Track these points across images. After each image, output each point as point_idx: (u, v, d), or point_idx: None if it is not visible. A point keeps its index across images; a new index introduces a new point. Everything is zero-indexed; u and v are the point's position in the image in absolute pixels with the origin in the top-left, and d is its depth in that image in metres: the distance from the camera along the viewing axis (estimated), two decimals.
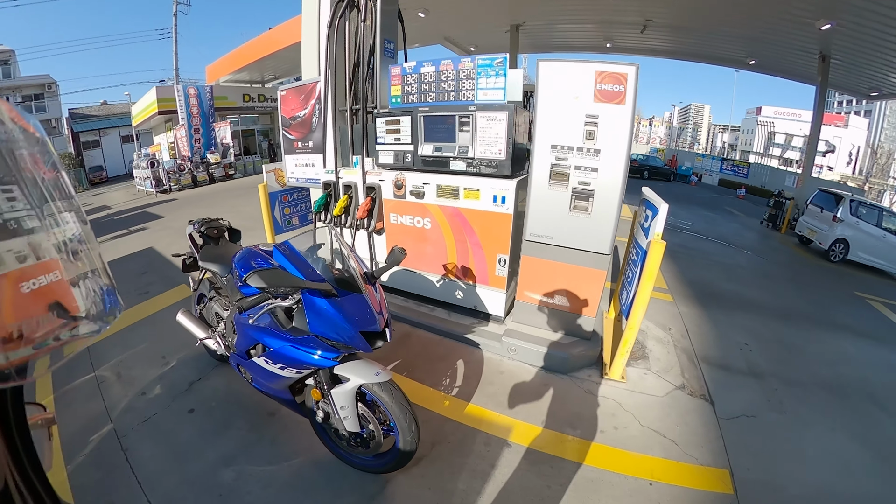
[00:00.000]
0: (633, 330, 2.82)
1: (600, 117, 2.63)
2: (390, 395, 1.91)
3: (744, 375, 3.29)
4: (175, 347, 3.29)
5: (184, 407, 2.67)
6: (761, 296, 5.42)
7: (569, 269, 2.98)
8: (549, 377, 3.00)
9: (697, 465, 2.28)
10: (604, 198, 2.74)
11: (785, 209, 10.44)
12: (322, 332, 1.78)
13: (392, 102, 3.48)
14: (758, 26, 8.98)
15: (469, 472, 2.21)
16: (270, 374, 2.00)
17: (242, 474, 2.17)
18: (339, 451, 2.19)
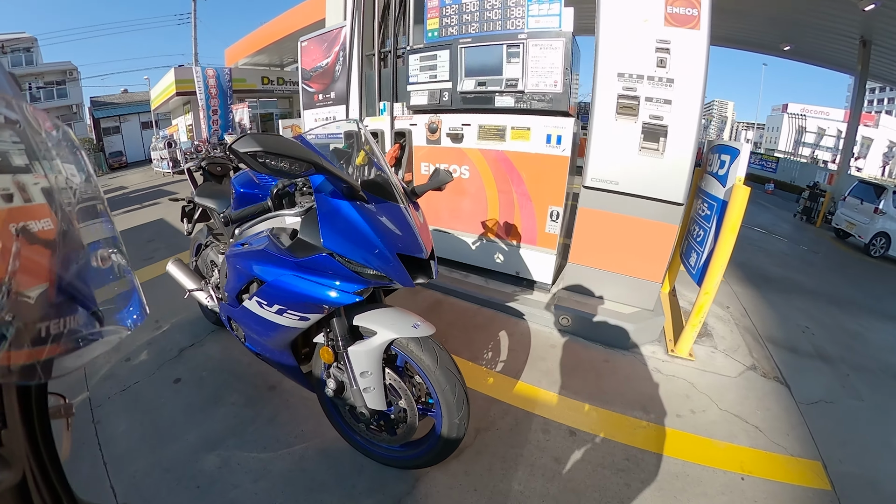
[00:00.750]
0: (708, 296, 2.32)
1: (672, 43, 2.20)
2: (433, 356, 1.33)
3: (812, 359, 2.90)
4: (171, 312, 2.87)
5: (170, 376, 2.21)
6: (811, 282, 5.07)
7: (633, 223, 2.45)
8: (609, 353, 2.50)
9: (788, 456, 1.91)
10: (678, 136, 2.27)
11: (820, 202, 9.77)
12: (341, 248, 1.20)
13: (428, 38, 3.00)
14: (796, 7, 8.32)
15: (526, 467, 1.71)
16: (265, 323, 1.42)
17: (229, 462, 1.67)
18: (354, 436, 1.64)
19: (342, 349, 1.36)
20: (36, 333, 0.34)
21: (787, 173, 16.06)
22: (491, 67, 2.72)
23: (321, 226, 1.22)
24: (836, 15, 8.20)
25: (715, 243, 2.27)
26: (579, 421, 1.97)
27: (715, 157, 2.57)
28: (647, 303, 2.60)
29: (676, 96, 2.24)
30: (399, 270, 1.23)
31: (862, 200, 8.01)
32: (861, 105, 10.34)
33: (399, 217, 1.31)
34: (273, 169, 1.05)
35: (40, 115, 0.43)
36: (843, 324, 3.71)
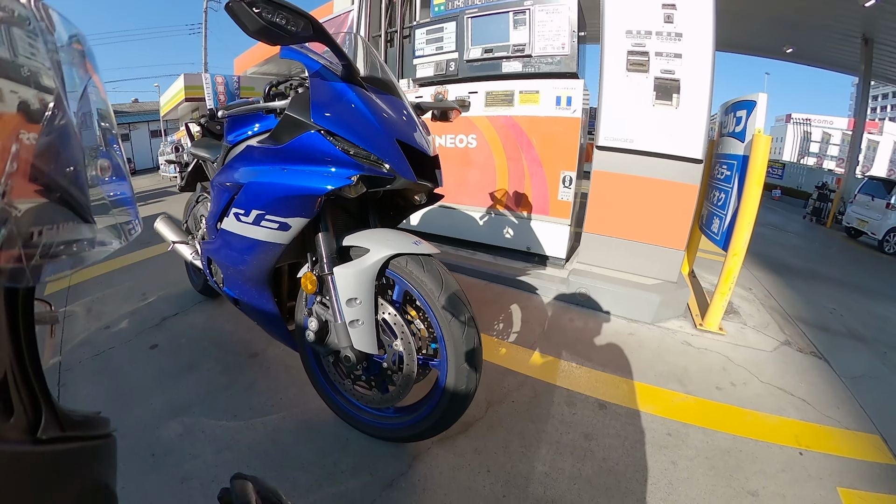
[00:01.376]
0: (737, 258, 2.13)
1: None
2: (437, 280, 1.11)
3: (846, 337, 2.71)
4: (159, 286, 2.71)
5: (147, 342, 2.04)
6: (831, 272, 4.92)
7: (652, 184, 2.28)
8: (633, 326, 2.28)
9: (843, 430, 1.72)
10: (691, 87, 2.19)
11: (830, 202, 9.58)
12: (332, 123, 1.04)
13: (434, 12, 2.94)
14: (797, 6, 8.30)
15: (551, 444, 1.43)
16: (241, 243, 1.23)
17: (192, 429, 1.45)
18: (338, 400, 1.39)
19: (327, 272, 1.15)
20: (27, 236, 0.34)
21: (794, 179, 15.83)
22: (497, 35, 2.62)
23: (312, 101, 1.07)
24: (837, 13, 8.13)
25: (739, 202, 2.11)
26: (609, 393, 1.74)
27: (730, 116, 2.42)
28: (670, 274, 2.41)
29: (686, 49, 2.15)
30: (398, 158, 1.06)
31: (873, 197, 7.81)
32: (866, 106, 10.20)
33: (401, 109, 1.15)
34: (269, 23, 0.91)
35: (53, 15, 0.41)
36: (870, 308, 3.55)
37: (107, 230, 0.45)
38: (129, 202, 0.50)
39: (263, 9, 0.90)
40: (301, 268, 1.32)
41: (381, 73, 1.30)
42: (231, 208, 1.24)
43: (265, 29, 0.92)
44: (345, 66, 1.10)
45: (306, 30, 0.97)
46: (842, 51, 9.73)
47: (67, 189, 0.39)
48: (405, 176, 1.08)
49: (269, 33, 0.93)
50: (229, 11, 0.90)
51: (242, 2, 0.88)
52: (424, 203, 1.35)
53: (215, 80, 12.62)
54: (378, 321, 1.17)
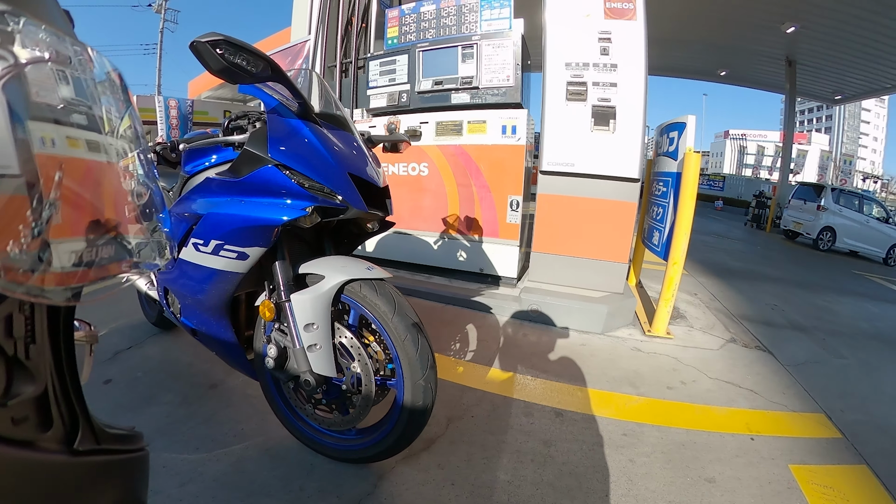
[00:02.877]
0: (677, 266, 2.31)
1: (613, 33, 2.37)
2: (390, 302, 1.15)
3: (788, 329, 2.99)
4: (110, 316, 2.58)
5: (99, 377, 1.95)
6: (772, 271, 5.33)
7: (593, 204, 2.45)
8: (585, 337, 2.40)
9: (790, 413, 1.90)
10: (627, 114, 2.38)
11: (768, 209, 10.39)
12: (288, 158, 1.10)
13: (388, 45, 3.07)
14: (726, 33, 9.16)
15: (512, 454, 1.49)
16: (200, 273, 1.24)
17: (153, 464, 1.36)
18: (300, 426, 1.40)
19: (285, 299, 1.19)
20: (71, 258, 0.35)
21: (734, 189, 17.00)
22: (447, 67, 2.76)
23: (269, 136, 1.12)
24: (763, 38, 9.02)
25: (675, 215, 2.29)
26: (565, 401, 1.82)
27: (664, 137, 2.64)
28: (616, 286, 2.56)
29: (621, 79, 2.36)
30: (350, 190, 1.13)
31: (805, 201, 8.55)
32: (793, 121, 11.27)
33: (353, 144, 1.22)
34: (230, 64, 0.96)
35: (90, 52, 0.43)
36: (809, 300, 3.91)
37: (145, 250, 0.46)
38: (165, 223, 0.52)
39: (226, 50, 0.95)
40: (258, 297, 1.34)
41: (335, 108, 1.36)
42: (190, 238, 1.26)
43: (227, 69, 0.97)
44: (300, 103, 1.17)
45: (265, 71, 1.03)
46: (769, 72, 10.76)
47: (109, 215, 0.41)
48: (357, 206, 1.14)
49: (230, 73, 0.99)
50: (193, 50, 0.95)
51: (206, 43, 0.93)
52: (377, 230, 1.41)
53: (168, 104, 12.29)
54: (336, 345, 1.21)
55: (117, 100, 0.47)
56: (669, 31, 9.35)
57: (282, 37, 8.48)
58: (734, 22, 8.46)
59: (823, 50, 8.94)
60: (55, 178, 0.35)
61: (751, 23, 8.41)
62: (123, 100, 0.47)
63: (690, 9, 8.13)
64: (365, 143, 1.34)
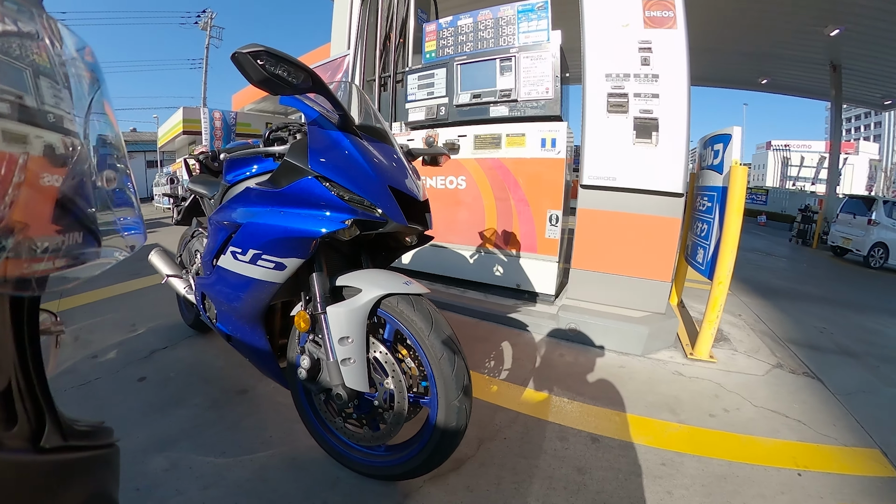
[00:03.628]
0: (722, 286, 2.20)
1: (653, 42, 2.31)
2: (427, 319, 1.13)
3: (837, 354, 2.76)
4: (149, 317, 2.71)
5: (134, 374, 2.04)
6: (818, 291, 4.99)
7: (635, 219, 2.37)
8: (623, 359, 2.31)
9: (841, 447, 1.74)
10: (670, 126, 2.31)
11: (814, 224, 9.81)
12: (328, 170, 1.10)
13: (426, 59, 3.12)
14: (766, 40, 8.79)
15: (544, 480, 1.42)
16: (237, 280, 1.26)
17: (178, 465, 1.44)
18: (328, 438, 1.38)
19: (320, 311, 1.18)
20: (34, 246, 0.34)
21: (778, 203, 16.13)
22: (485, 80, 2.76)
23: (310, 148, 1.13)
24: (805, 43, 8.61)
25: (721, 232, 2.19)
26: (601, 426, 1.75)
27: (708, 150, 2.54)
28: (658, 306, 2.47)
29: (663, 90, 2.29)
30: (390, 203, 1.11)
31: (854, 215, 8.02)
32: (840, 129, 10.64)
33: (393, 157, 1.22)
34: (271, 75, 0.97)
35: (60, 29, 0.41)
36: (859, 323, 3.62)
37: (112, 241, 0.45)
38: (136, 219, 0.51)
39: (267, 61, 0.96)
40: (294, 306, 1.34)
41: (375, 120, 1.37)
42: (228, 246, 1.28)
43: (268, 80, 0.98)
44: (341, 115, 1.17)
45: (306, 82, 1.04)
46: (813, 78, 10.25)
47: (73, 200, 0.39)
48: (396, 220, 1.13)
49: (271, 84, 1.00)
50: (235, 62, 0.96)
51: (248, 54, 0.95)
52: (415, 244, 1.40)
53: (213, 115, 12.93)
54: (369, 359, 1.19)
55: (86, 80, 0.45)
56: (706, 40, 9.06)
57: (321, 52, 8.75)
58: (773, 28, 8.12)
59: (870, 52, 8.43)
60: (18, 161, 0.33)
61: (791, 28, 8.05)
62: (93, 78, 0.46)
63: (727, 16, 7.87)
64: (405, 156, 1.33)
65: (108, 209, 0.48)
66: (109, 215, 0.48)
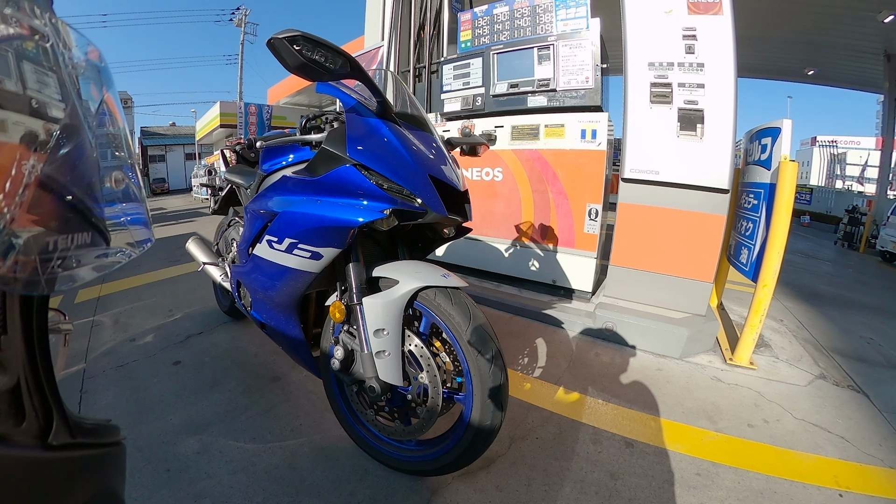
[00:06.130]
0: (767, 289, 2.07)
1: (698, 30, 2.18)
2: (465, 313, 1.10)
3: (885, 368, 2.56)
4: (186, 303, 2.81)
5: (170, 358, 2.10)
6: (866, 299, 4.65)
7: (678, 216, 2.26)
8: (661, 361, 2.23)
9: (887, 469, 1.62)
10: (715, 118, 2.16)
11: (861, 226, 9.20)
12: (367, 158, 1.07)
13: (461, 49, 3.06)
14: (814, 27, 8.17)
15: (575, 483, 1.39)
16: (273, 269, 1.25)
17: (209, 448, 1.47)
18: (359, 430, 1.38)
19: (356, 301, 1.15)
20: (44, 246, 0.34)
21: (823, 204, 15.17)
22: (523, 70, 2.69)
23: (348, 135, 1.10)
24: (856, 31, 7.97)
25: (767, 232, 2.07)
26: (636, 431, 1.69)
27: (755, 144, 2.40)
28: (698, 307, 2.36)
29: (709, 80, 2.17)
30: (430, 193, 1.08)
31: None
32: (893, 123, 9.88)
33: (433, 145, 1.18)
34: (308, 60, 0.95)
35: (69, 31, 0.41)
36: None
37: (120, 241, 0.45)
38: (141, 219, 0.51)
39: (304, 46, 0.93)
40: (329, 296, 1.34)
41: (412, 108, 1.34)
42: (264, 235, 1.27)
43: (305, 66, 0.95)
44: (379, 102, 1.14)
45: (344, 67, 1.00)
46: (864, 69, 9.54)
47: (83, 200, 0.39)
48: (437, 211, 1.09)
49: (308, 70, 0.97)
50: (271, 47, 0.94)
51: (284, 39, 0.92)
52: (453, 236, 1.37)
53: (248, 110, 13.27)
54: (404, 352, 1.17)
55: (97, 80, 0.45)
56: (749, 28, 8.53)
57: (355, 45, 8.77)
58: (822, 14, 7.54)
59: None
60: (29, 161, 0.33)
61: (840, 14, 7.44)
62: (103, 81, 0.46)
63: (771, 3, 7.37)
64: (444, 145, 1.29)
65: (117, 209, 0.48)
66: (118, 214, 0.48)
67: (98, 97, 0.45)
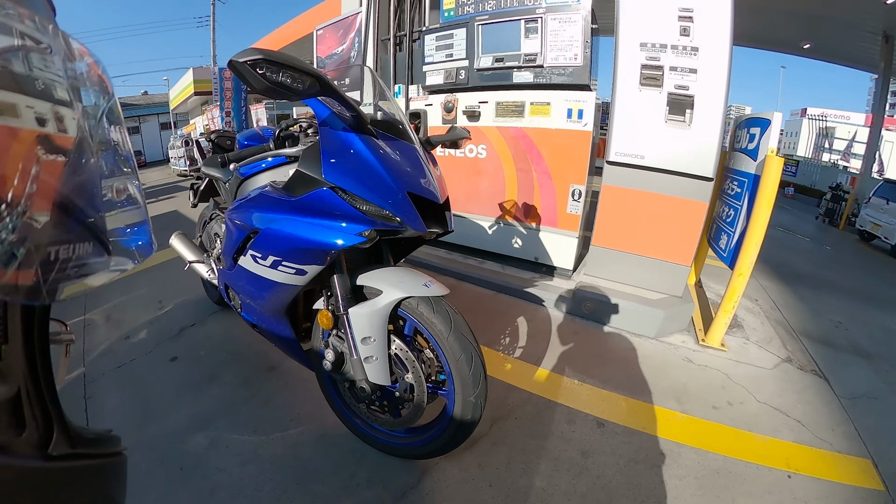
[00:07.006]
0: (742, 277, 2.15)
1: (695, 11, 2.10)
2: (446, 320, 1.16)
3: (849, 354, 2.70)
4: (175, 292, 2.80)
5: (167, 354, 2.14)
6: (841, 279, 4.83)
7: (661, 200, 2.30)
8: (637, 341, 2.33)
9: (834, 453, 1.74)
10: (705, 105, 2.14)
11: (843, 204, 9.43)
12: (344, 181, 1.06)
13: (444, 18, 2.92)
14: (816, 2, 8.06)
15: (550, 461, 1.52)
16: (259, 281, 1.28)
17: (217, 443, 1.55)
18: (353, 419, 1.48)
19: (342, 311, 1.21)
20: (45, 256, 0.35)
21: (808, 177, 15.57)
22: (508, 43, 2.61)
23: (323, 157, 1.09)
24: (858, 8, 7.91)
25: (747, 221, 2.12)
26: (608, 411, 1.81)
27: (743, 132, 2.41)
28: (675, 289, 2.43)
29: (702, 65, 2.13)
30: (409, 210, 1.09)
31: (888, 200, 7.67)
32: (884, 105, 9.96)
33: (411, 156, 1.17)
34: (274, 83, 0.93)
35: (72, 42, 0.42)
36: (879, 321, 3.47)
37: (121, 251, 0.46)
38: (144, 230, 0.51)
39: (267, 69, 0.91)
40: (316, 294, 1.38)
41: (390, 110, 1.32)
42: (248, 249, 1.29)
43: (270, 89, 0.93)
44: (353, 116, 1.12)
45: (313, 87, 0.98)
46: (861, 47, 9.49)
47: (84, 210, 0.40)
48: (416, 228, 1.11)
49: (275, 92, 0.95)
50: (233, 69, 0.91)
51: (246, 63, 0.89)
52: (436, 237, 1.37)
53: (223, 75, 12.60)
54: (390, 355, 1.23)
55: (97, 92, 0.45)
56: None
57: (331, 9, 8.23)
58: None
59: None
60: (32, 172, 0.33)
61: None
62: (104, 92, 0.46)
63: None
64: (423, 150, 1.28)
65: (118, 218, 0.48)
66: (119, 224, 0.48)
67: (100, 107, 0.45)
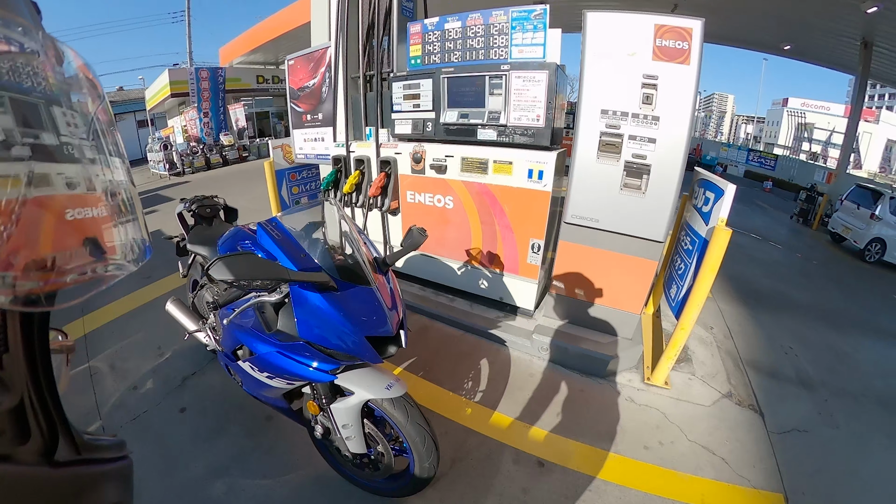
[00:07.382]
0: (684, 331, 2.37)
1: (660, 78, 2.16)
2: (404, 413, 1.51)
3: (792, 384, 2.91)
4: (172, 337, 2.96)
5: (175, 405, 2.36)
6: (803, 296, 5.00)
7: (614, 258, 2.52)
8: (586, 382, 2.59)
9: (750, 489, 1.97)
10: (661, 175, 2.25)
11: (817, 204, 9.75)
12: (315, 336, 1.36)
13: (411, 65, 3.02)
14: (797, 9, 8.23)
15: (496, 496, 1.86)
16: (258, 381, 1.60)
17: (234, 488, 1.85)
18: (342, 469, 1.85)
19: (326, 405, 1.55)
20: (42, 263, 0.35)
21: (786, 171, 15.98)
22: (473, 99, 2.74)
23: (297, 319, 1.36)
24: (838, 16, 8.15)
25: (694, 280, 2.28)
26: (549, 452, 2.09)
27: (700, 191, 2.52)
28: (625, 332, 2.67)
29: (662, 135, 2.22)
30: (368, 352, 1.37)
31: (858, 205, 7.98)
32: (861, 105, 10.29)
33: (369, 300, 1.42)
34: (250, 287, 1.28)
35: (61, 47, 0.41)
36: (830, 342, 3.66)
37: (118, 255, 0.46)
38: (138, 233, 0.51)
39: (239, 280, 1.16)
40: None
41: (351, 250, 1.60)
42: (247, 360, 1.58)
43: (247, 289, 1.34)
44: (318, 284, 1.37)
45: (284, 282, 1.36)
46: (840, 51, 9.78)
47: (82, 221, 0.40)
48: (373, 362, 1.43)
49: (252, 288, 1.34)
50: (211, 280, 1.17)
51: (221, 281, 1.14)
52: None
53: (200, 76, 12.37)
54: (365, 433, 1.59)
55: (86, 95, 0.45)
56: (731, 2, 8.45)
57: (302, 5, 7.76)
58: None
59: None
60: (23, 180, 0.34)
61: None
62: (94, 95, 0.46)
63: None
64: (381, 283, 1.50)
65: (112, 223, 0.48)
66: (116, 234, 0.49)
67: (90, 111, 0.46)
